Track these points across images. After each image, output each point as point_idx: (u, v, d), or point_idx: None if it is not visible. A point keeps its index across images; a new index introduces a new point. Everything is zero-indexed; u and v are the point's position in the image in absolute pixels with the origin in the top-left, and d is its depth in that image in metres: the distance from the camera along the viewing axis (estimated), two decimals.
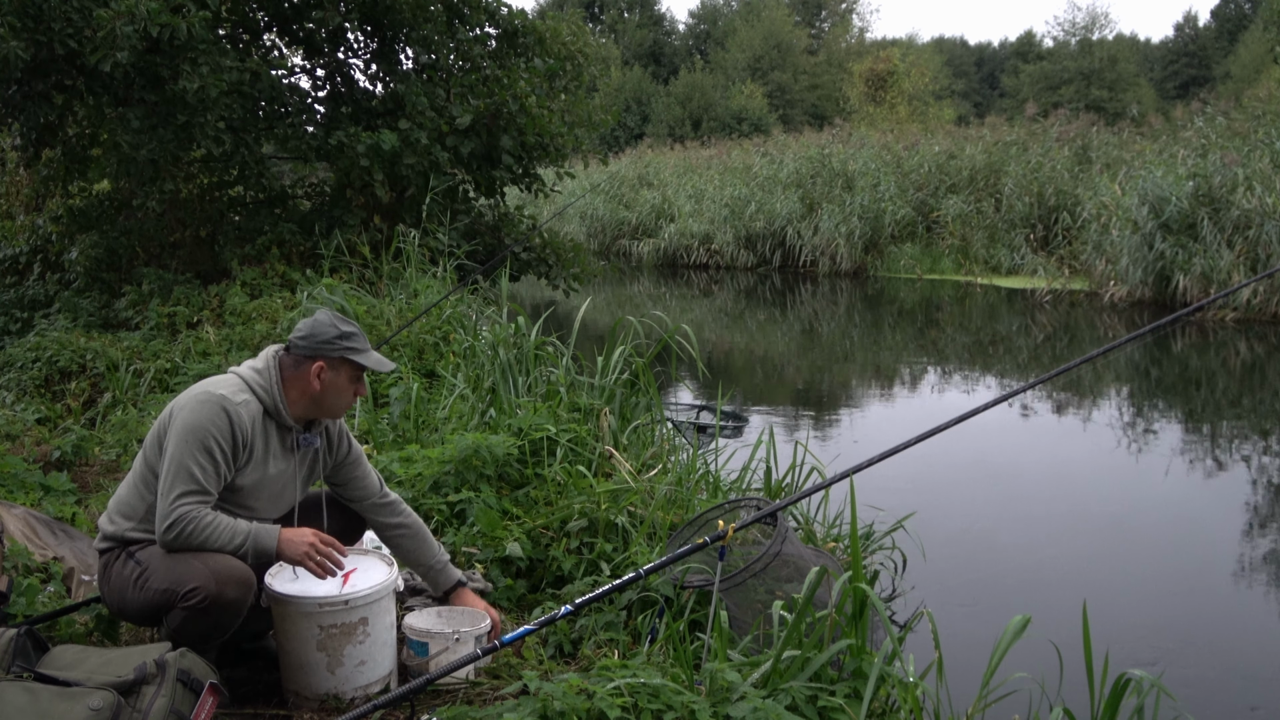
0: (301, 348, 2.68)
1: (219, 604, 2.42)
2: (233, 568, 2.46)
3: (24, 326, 8.63)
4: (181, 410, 2.56)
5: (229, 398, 2.57)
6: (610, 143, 35.04)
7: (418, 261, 7.35)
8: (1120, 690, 2.37)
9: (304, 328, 2.71)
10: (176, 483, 2.48)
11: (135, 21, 6.74)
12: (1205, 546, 5.02)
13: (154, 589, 2.46)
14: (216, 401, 2.55)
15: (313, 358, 2.68)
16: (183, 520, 2.45)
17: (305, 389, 2.68)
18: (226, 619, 2.48)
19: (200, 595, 2.40)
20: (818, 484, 3.29)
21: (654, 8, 54.90)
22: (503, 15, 9.40)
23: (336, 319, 2.73)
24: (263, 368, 2.69)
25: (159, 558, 2.49)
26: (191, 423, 2.51)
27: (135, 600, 2.51)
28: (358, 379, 2.75)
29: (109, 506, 2.66)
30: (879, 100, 36.84)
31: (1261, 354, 9.86)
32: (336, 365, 2.69)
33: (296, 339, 2.70)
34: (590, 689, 2.29)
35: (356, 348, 2.71)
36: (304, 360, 2.68)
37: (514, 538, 3.46)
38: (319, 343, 2.68)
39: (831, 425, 7.85)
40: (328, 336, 2.68)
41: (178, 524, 2.45)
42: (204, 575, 2.42)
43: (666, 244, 19.90)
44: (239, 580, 2.46)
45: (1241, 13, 52.06)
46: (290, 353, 2.70)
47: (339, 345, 2.68)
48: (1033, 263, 14.81)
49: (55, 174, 9.38)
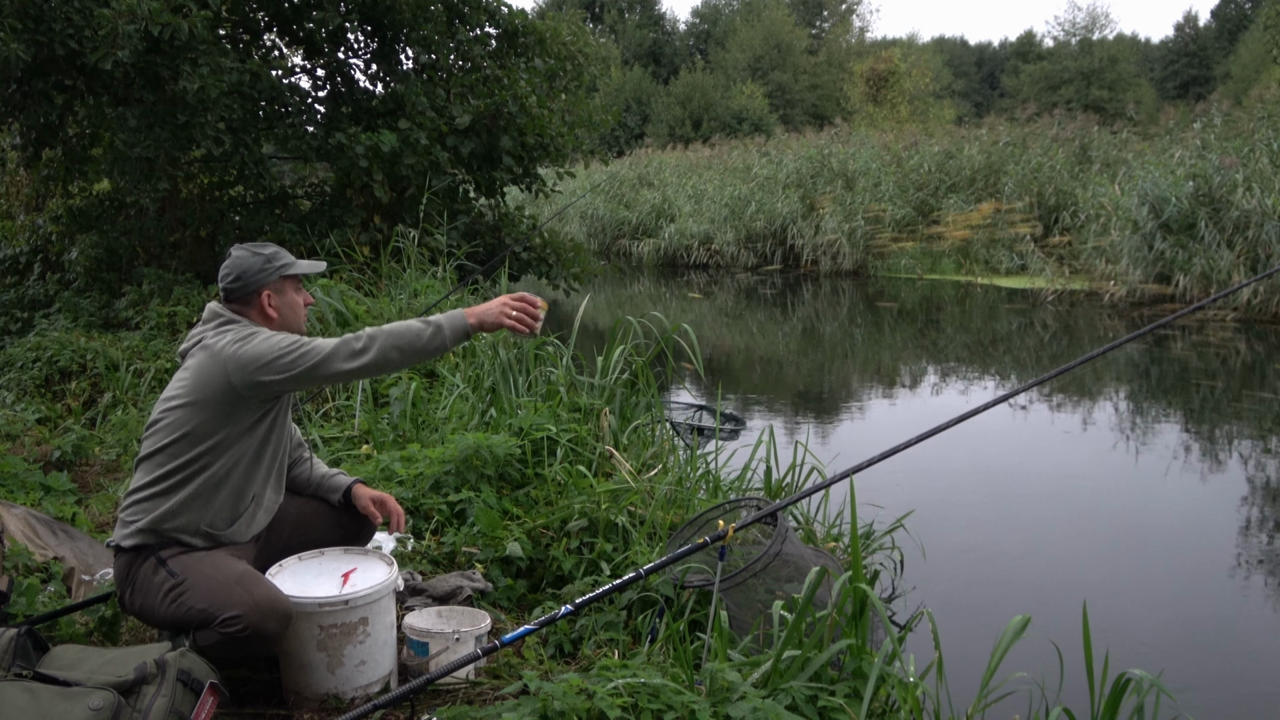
0: (237, 289, 2.69)
1: (259, 635, 2.38)
2: (276, 599, 2.41)
3: (24, 326, 8.63)
4: (236, 367, 2.50)
5: (249, 330, 2.60)
6: (610, 143, 35.04)
7: (417, 261, 7.35)
8: (1120, 690, 2.37)
9: (231, 270, 2.71)
10: (297, 343, 2.49)
11: (137, 21, 6.74)
12: (1205, 546, 5.01)
13: (190, 606, 2.41)
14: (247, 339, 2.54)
15: (256, 291, 2.70)
16: (359, 336, 2.49)
17: (264, 323, 2.70)
18: (261, 649, 2.45)
19: (241, 625, 2.36)
20: (818, 484, 3.29)
21: (654, 8, 54.91)
22: (503, 15, 9.40)
23: (251, 248, 2.75)
24: (230, 317, 2.67)
25: (196, 572, 2.45)
26: (259, 348, 2.51)
27: (164, 611, 2.46)
28: (299, 289, 2.80)
29: (131, 502, 2.57)
30: (880, 100, 36.84)
31: (1261, 354, 9.86)
32: (279, 286, 2.73)
33: (229, 285, 2.70)
34: (590, 689, 2.29)
35: (286, 262, 2.75)
36: (249, 297, 2.70)
37: (514, 538, 3.46)
38: (252, 276, 2.69)
39: (831, 425, 7.85)
40: (257, 267, 2.70)
41: (361, 341, 2.48)
42: (246, 604, 2.37)
43: (666, 244, 19.90)
44: (281, 614, 2.42)
45: (1241, 13, 52.05)
46: (230, 301, 2.71)
47: (270, 268, 2.71)
48: (1033, 263, 14.82)
49: (55, 174, 9.38)
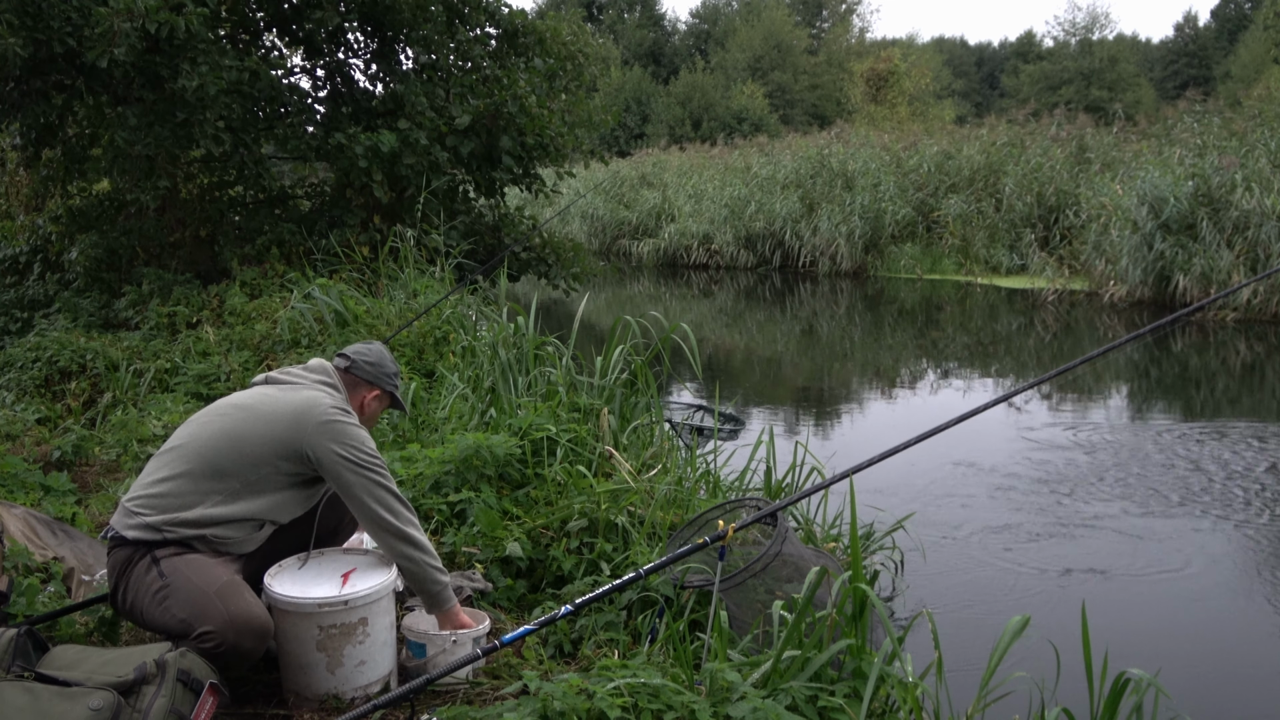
0: (368, 373, 2.89)
1: (234, 652, 2.39)
2: (253, 616, 2.42)
3: (24, 326, 8.63)
4: (325, 427, 2.62)
5: (349, 409, 2.76)
6: (610, 143, 35.04)
7: (415, 261, 7.35)
8: (1119, 690, 2.37)
9: (371, 355, 2.92)
10: (383, 480, 2.65)
11: (134, 19, 6.74)
12: (1204, 546, 5.02)
13: (171, 614, 2.42)
14: (351, 419, 2.71)
15: (373, 384, 2.90)
16: (408, 508, 2.70)
17: (355, 409, 2.86)
18: (238, 664, 2.45)
19: (215, 641, 2.36)
20: (817, 484, 3.29)
21: (654, 8, 54.89)
22: (503, 15, 9.40)
23: (391, 356, 2.98)
24: (335, 383, 2.84)
25: (182, 577, 2.45)
26: (356, 435, 2.66)
27: (150, 613, 2.47)
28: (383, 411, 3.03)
29: (144, 494, 2.54)
30: (880, 100, 36.84)
31: (1261, 354, 9.87)
32: (384, 398, 2.95)
33: (364, 363, 2.90)
34: (590, 689, 2.29)
35: (398, 386, 2.97)
36: (364, 384, 2.90)
37: (514, 538, 3.46)
38: (382, 374, 2.92)
39: (831, 425, 7.85)
40: (390, 372, 2.94)
41: (406, 507, 2.69)
42: (221, 619, 2.37)
43: (666, 244, 19.90)
44: (257, 631, 2.42)
45: (1241, 13, 52.08)
46: (351, 373, 2.89)
47: (393, 381, 2.94)
48: (1034, 263, 14.82)
49: (55, 174, 9.37)
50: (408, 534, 2.64)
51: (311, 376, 2.81)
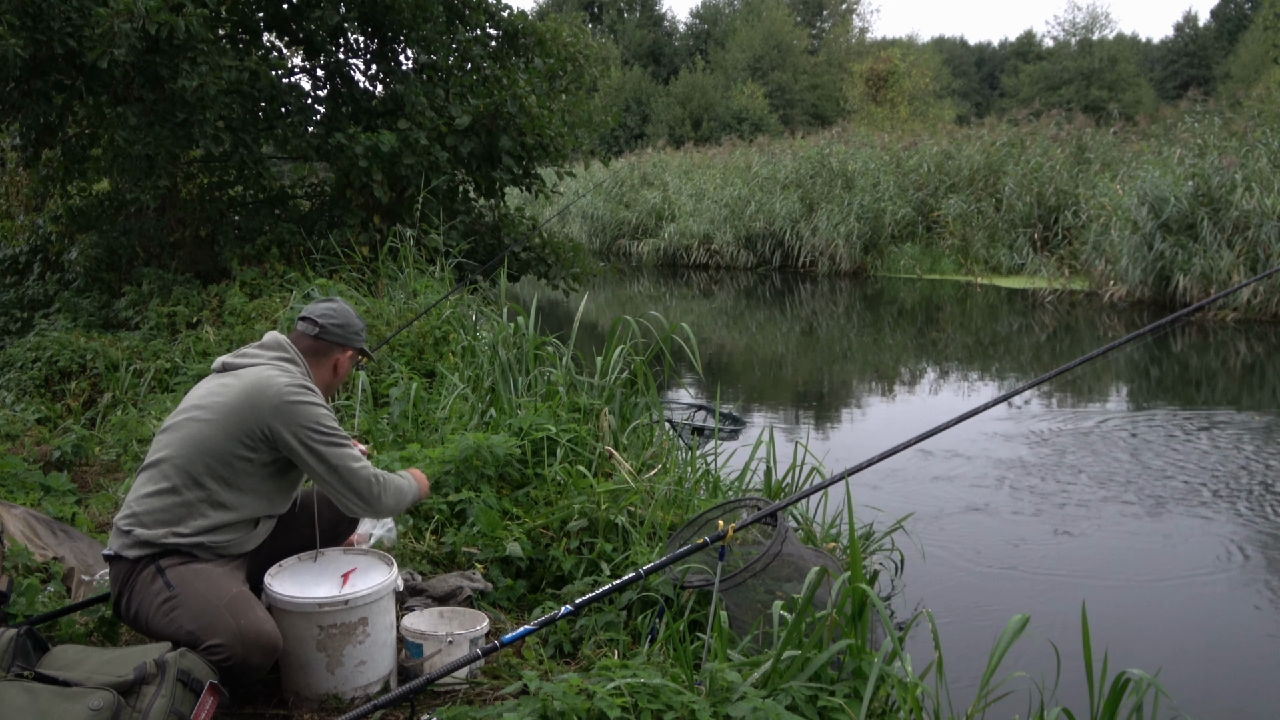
0: (338, 335, 2.75)
1: (243, 666, 2.35)
2: (263, 631, 2.37)
3: (24, 326, 8.63)
4: (281, 408, 2.52)
5: (308, 385, 2.63)
6: (610, 143, 35.03)
7: (415, 261, 7.35)
8: (1119, 690, 2.37)
9: (338, 316, 2.76)
10: (347, 458, 2.56)
11: (134, 19, 6.74)
12: (1205, 546, 5.01)
13: (179, 625, 2.38)
14: (307, 395, 2.59)
15: (344, 345, 2.77)
16: (383, 484, 2.63)
17: (327, 373, 2.74)
18: (246, 679, 2.41)
19: (224, 654, 2.32)
20: (817, 484, 3.29)
21: (654, 8, 54.90)
22: (503, 16, 9.40)
23: (352, 309, 2.82)
24: (292, 356, 2.70)
25: (190, 589, 2.41)
26: (312, 413, 2.55)
27: (157, 624, 2.43)
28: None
29: (135, 511, 2.51)
30: (880, 100, 36.82)
31: (1261, 354, 9.86)
32: (355, 355, 2.82)
33: (333, 326, 2.74)
34: (590, 689, 2.29)
35: (364, 338, 2.83)
36: (334, 347, 2.76)
37: (514, 538, 3.46)
38: (352, 333, 2.77)
39: (831, 425, 7.86)
40: (358, 328, 2.79)
41: (381, 488, 2.62)
42: (231, 633, 2.33)
43: (666, 244, 19.90)
44: (266, 646, 2.38)
45: (1241, 13, 52.06)
46: (323, 339, 2.74)
47: (362, 336, 2.79)
48: (1034, 263, 14.82)
49: (55, 174, 9.38)
50: (380, 504, 2.65)
51: (266, 354, 2.69)
